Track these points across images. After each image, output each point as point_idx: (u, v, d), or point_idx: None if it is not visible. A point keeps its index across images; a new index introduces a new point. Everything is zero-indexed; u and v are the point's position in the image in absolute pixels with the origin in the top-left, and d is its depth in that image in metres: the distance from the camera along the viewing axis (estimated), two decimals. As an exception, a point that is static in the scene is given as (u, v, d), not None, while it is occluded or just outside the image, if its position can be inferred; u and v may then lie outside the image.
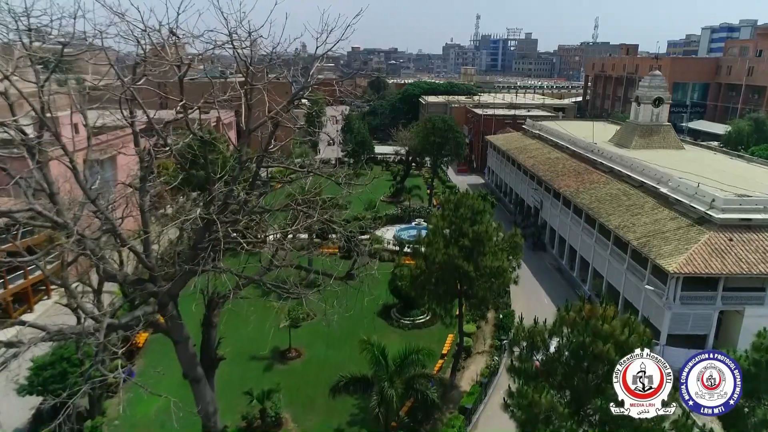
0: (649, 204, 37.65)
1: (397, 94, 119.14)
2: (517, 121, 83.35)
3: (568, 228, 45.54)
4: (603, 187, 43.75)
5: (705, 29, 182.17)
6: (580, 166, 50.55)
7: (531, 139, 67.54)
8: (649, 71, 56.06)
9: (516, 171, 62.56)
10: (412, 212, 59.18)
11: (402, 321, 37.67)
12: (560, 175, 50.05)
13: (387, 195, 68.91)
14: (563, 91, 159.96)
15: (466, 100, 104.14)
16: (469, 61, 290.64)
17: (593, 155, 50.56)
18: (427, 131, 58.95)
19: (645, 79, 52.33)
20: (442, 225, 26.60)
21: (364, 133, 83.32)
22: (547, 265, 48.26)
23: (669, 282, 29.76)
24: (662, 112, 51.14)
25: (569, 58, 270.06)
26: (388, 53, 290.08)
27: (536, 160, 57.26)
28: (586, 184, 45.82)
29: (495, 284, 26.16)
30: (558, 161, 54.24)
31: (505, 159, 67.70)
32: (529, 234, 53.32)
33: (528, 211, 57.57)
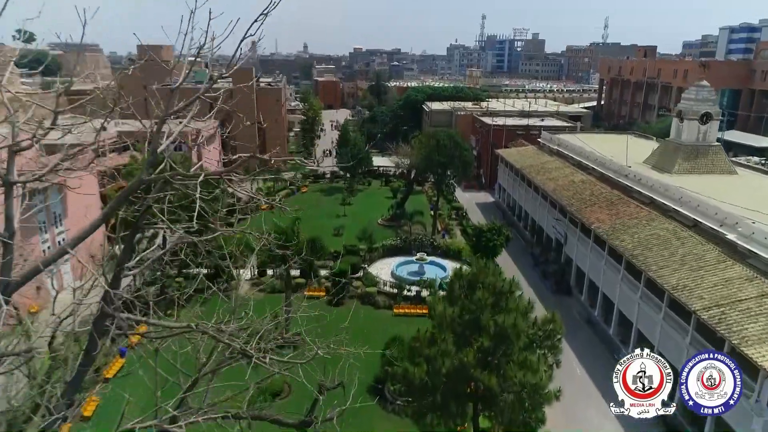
0: (711, 254, 29.60)
1: (399, 100, 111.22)
2: (530, 132, 75.31)
3: (601, 273, 37.52)
4: (646, 225, 35.70)
5: (723, 29, 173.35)
6: (612, 194, 42.52)
7: (548, 155, 59.48)
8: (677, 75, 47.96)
9: (533, 193, 54.49)
10: (413, 241, 51.27)
11: (398, 403, 29.75)
12: (589, 205, 42.03)
13: (385, 218, 61.00)
14: (574, 95, 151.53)
15: (472, 107, 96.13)
16: (474, 63, 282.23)
17: (628, 181, 42.53)
18: (430, 148, 50.99)
19: (690, 90, 44.24)
20: (451, 314, 18.57)
21: (360, 146, 75.48)
22: (575, 315, 40.25)
23: (762, 380, 21.76)
24: (710, 129, 43.06)
25: (578, 60, 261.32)
26: (391, 54, 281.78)
27: (557, 183, 49.21)
28: (623, 218, 37.78)
29: (527, 402, 18.19)
30: (584, 186, 46.20)
31: (519, 178, 59.66)
32: (550, 272, 45.33)
33: (548, 244, 49.50)
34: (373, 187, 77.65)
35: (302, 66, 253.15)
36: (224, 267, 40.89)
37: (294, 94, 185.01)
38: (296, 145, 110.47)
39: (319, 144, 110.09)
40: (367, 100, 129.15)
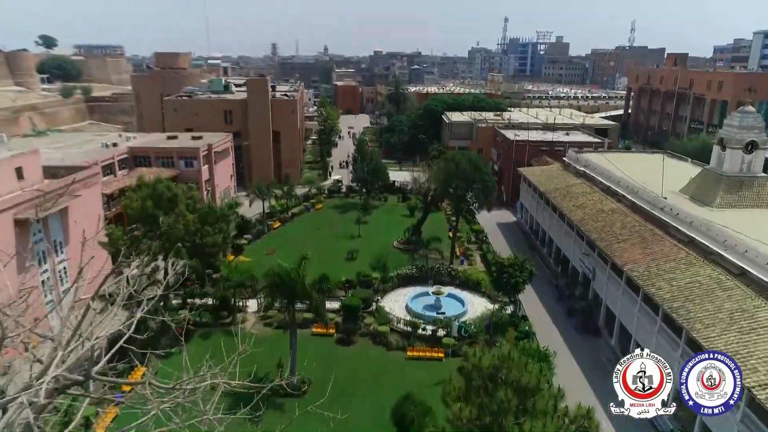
0: (764, 313, 26.32)
1: (418, 109, 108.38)
2: (555, 148, 71.96)
3: (635, 320, 34.35)
4: (685, 269, 32.42)
5: (758, 34, 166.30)
6: (645, 228, 39.22)
7: (575, 177, 56.17)
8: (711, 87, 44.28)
9: (558, 220, 51.30)
10: (430, 270, 48.54)
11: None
12: (620, 241, 38.82)
13: (401, 240, 58.36)
14: (600, 102, 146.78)
15: (494, 119, 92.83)
16: (496, 66, 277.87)
17: (664, 215, 39.22)
18: (449, 172, 48.20)
19: (733, 116, 40.67)
20: (468, 415, 15.81)
21: (377, 161, 72.95)
22: (603, 361, 37.04)
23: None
24: (756, 159, 39.46)
25: (603, 64, 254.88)
26: (411, 57, 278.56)
27: (585, 211, 46.01)
28: (659, 259, 34.53)
29: None
30: (614, 216, 42.93)
31: (543, 201, 56.46)
32: (576, 310, 42.23)
33: (575, 276, 46.30)
34: (389, 203, 75.05)
35: (322, 69, 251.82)
36: (230, 297, 38.57)
37: (312, 99, 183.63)
38: (312, 155, 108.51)
39: (336, 154, 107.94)
40: (385, 108, 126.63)
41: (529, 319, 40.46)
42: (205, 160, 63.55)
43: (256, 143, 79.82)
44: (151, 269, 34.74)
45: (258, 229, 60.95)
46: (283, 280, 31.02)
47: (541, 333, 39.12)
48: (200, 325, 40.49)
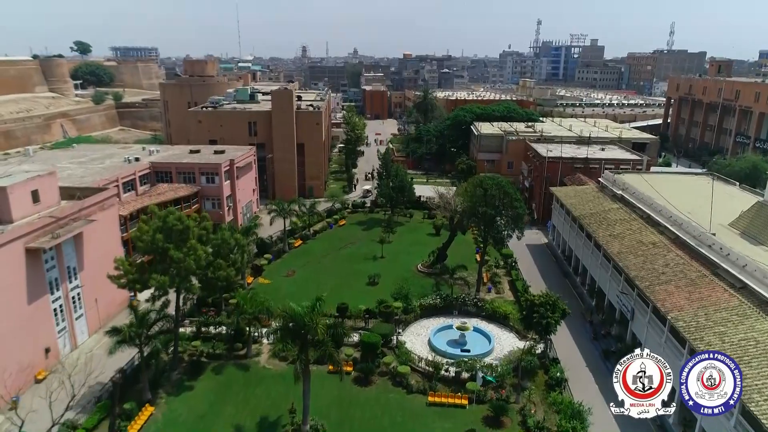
0: (835, 386, 23.12)
1: (446, 119, 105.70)
2: (590, 166, 68.50)
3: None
4: (738, 322, 29.23)
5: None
6: (691, 268, 35.95)
7: (611, 201, 52.82)
8: (759, 99, 40.35)
9: (593, 248, 48.15)
10: (455, 300, 46.10)
11: None
12: (662, 281, 35.63)
13: (425, 263, 56.01)
14: (636, 110, 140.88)
15: (525, 131, 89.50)
16: (528, 70, 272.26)
17: (712, 254, 35.83)
18: (477, 198, 45.65)
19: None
20: None
21: (402, 176, 70.79)
22: (646, 421, 33.84)
23: None
24: (819, 194, 35.72)
25: (640, 68, 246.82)
26: (441, 61, 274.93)
27: (623, 243, 42.84)
28: (708, 307, 31.36)
29: None
30: (656, 252, 39.69)
31: (576, 226, 53.30)
32: (612, 353, 39.22)
33: (611, 313, 43.16)
34: (414, 220, 72.76)
35: (351, 73, 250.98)
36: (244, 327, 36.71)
37: (341, 103, 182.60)
38: (338, 164, 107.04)
39: (362, 162, 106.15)
40: (413, 116, 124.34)
41: (561, 361, 37.56)
42: (227, 175, 62.47)
43: (279, 156, 78.60)
44: (161, 304, 33.37)
45: (279, 248, 59.51)
46: (296, 323, 29.13)
47: (574, 379, 36.25)
48: (213, 357, 39.03)
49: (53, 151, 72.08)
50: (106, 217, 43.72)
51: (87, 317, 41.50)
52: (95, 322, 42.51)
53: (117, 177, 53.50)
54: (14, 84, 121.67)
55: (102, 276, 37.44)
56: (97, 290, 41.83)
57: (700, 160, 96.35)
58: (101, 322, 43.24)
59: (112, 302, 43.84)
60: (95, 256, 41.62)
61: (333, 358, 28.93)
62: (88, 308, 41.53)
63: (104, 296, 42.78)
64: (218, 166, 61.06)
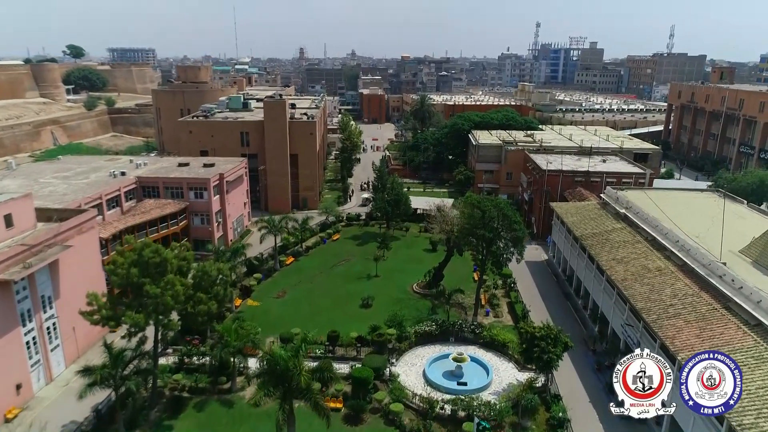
0: None
1: (444, 127, 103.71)
2: (591, 179, 66.54)
3: (691, 419, 29.22)
4: (755, 366, 27.26)
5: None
6: (702, 301, 33.96)
7: (614, 219, 50.83)
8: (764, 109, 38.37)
9: (595, 272, 46.16)
10: (451, 326, 44.08)
11: None
12: (670, 315, 33.66)
13: (420, 283, 54.03)
14: (637, 116, 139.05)
15: (524, 140, 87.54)
16: (526, 73, 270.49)
17: (723, 286, 33.83)
18: (475, 220, 43.64)
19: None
20: None
21: (398, 190, 68.77)
22: (650, 458, 32.00)
23: None
24: (836, 223, 33.72)
25: (639, 71, 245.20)
26: (440, 63, 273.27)
27: (627, 268, 40.87)
28: (720, 347, 29.27)
29: None
30: (663, 279, 37.70)
31: (578, 246, 51.29)
32: (617, 386, 36.97)
33: (615, 343, 41.15)
34: (410, 234, 70.66)
35: (348, 76, 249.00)
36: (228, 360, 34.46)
37: (338, 107, 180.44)
38: (334, 173, 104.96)
39: (359, 169, 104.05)
40: (410, 123, 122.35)
41: (563, 398, 35.55)
42: (216, 190, 60.39)
43: (272, 168, 76.50)
44: (138, 341, 31.28)
45: (270, 266, 57.41)
46: (279, 367, 27.09)
47: (577, 418, 34.22)
48: (196, 391, 36.93)
49: (38, 164, 69.90)
50: (85, 241, 41.55)
51: (64, 347, 39.37)
52: (73, 351, 40.38)
53: (101, 194, 51.41)
54: (4, 89, 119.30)
55: (81, 303, 35.26)
56: (75, 318, 39.43)
57: (704, 170, 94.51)
58: (80, 352, 41.14)
59: (91, 330, 41.55)
60: (73, 283, 39.48)
61: (319, 407, 26.84)
62: (65, 338, 39.41)
63: (83, 324, 40.29)
64: (207, 180, 58.95)
